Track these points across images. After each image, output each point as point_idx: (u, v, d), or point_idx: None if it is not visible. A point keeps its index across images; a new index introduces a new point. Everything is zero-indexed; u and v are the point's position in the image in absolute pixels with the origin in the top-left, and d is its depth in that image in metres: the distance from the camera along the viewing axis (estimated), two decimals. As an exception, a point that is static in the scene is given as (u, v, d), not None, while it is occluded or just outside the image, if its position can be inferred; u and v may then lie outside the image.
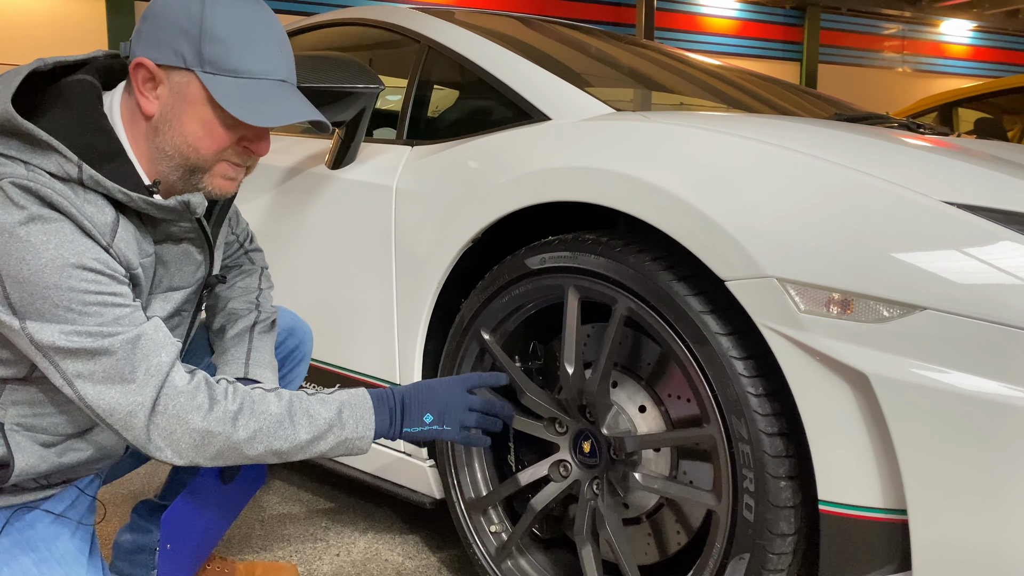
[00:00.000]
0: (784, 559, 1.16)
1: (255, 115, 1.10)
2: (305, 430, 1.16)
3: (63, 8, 8.38)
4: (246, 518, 2.00)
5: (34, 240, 1.00)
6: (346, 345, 1.82)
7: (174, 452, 1.09)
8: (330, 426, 1.18)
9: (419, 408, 1.25)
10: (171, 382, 1.08)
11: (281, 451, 1.15)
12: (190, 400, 1.08)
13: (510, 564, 1.54)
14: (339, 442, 1.19)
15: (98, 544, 1.30)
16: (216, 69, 1.09)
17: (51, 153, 1.04)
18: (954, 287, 0.98)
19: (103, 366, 1.04)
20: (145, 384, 1.06)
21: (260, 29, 1.13)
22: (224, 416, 1.10)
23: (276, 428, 1.14)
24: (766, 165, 1.16)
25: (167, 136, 1.12)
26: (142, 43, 1.11)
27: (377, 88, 1.68)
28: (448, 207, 1.55)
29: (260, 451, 1.13)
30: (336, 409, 1.19)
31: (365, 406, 1.22)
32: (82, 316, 1.02)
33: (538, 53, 1.95)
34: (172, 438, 1.08)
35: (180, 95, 1.11)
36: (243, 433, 1.11)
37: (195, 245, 1.26)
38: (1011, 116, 4.51)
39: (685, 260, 1.24)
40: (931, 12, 13.54)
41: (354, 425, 1.20)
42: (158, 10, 1.10)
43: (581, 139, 1.38)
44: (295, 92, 1.17)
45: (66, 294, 1.01)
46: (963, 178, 1.13)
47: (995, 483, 0.96)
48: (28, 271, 1.00)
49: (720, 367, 1.16)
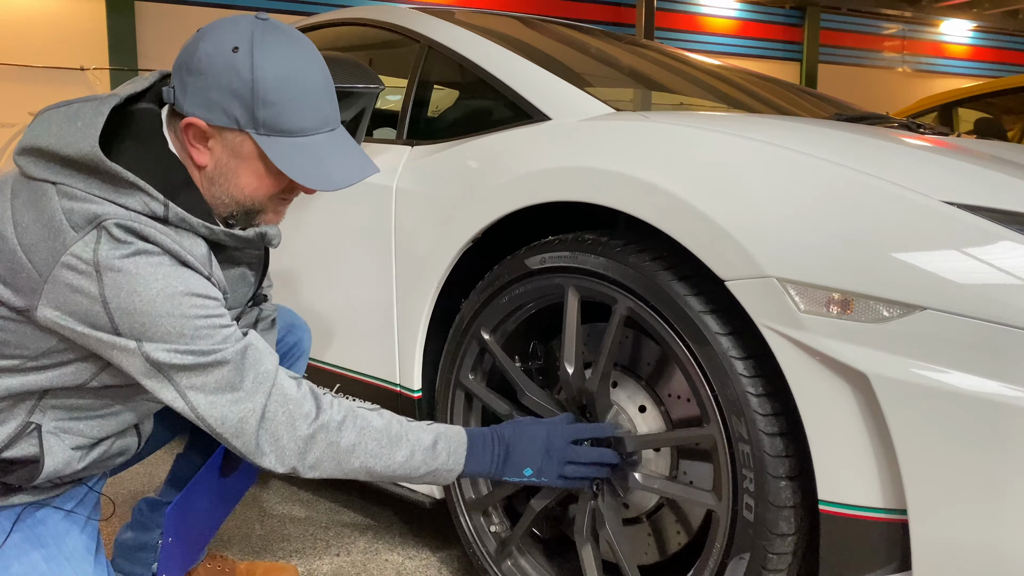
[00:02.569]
0: (784, 559, 1.16)
1: (315, 179, 1.13)
2: (401, 453, 1.19)
3: (63, 8, 8.37)
4: (246, 518, 2.00)
5: (143, 272, 1.04)
6: (346, 345, 1.81)
7: (278, 459, 1.12)
8: (424, 453, 1.21)
9: (519, 459, 1.27)
10: (279, 388, 1.12)
11: (374, 469, 1.18)
12: (298, 407, 1.12)
13: (510, 564, 1.54)
14: (429, 471, 1.22)
15: (102, 541, 1.31)
16: (270, 131, 1.11)
17: (137, 192, 1.07)
18: (954, 287, 0.98)
19: (215, 378, 1.08)
20: (255, 392, 1.10)
21: (310, 84, 1.13)
22: (329, 424, 1.13)
23: (376, 445, 1.17)
24: (766, 165, 1.16)
25: (223, 187, 1.16)
26: (190, 99, 1.10)
27: (377, 88, 1.68)
28: (448, 207, 1.55)
29: (356, 465, 1.16)
30: (432, 439, 1.22)
31: (460, 441, 1.25)
32: (194, 339, 1.07)
33: (538, 53, 1.95)
34: (279, 444, 1.11)
35: (234, 152, 1.13)
36: (345, 444, 1.14)
37: (252, 269, 1.30)
38: (1011, 116, 4.51)
39: (685, 260, 1.24)
40: (931, 12, 13.53)
41: (446, 458, 1.23)
42: (204, 67, 1.09)
43: (581, 139, 1.38)
44: (345, 140, 1.19)
45: (179, 321, 1.06)
46: (963, 178, 1.13)
47: (995, 483, 0.96)
48: (140, 302, 1.04)
49: (720, 367, 1.16)
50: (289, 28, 1.15)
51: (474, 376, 1.57)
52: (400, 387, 1.70)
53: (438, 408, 1.62)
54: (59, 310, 1.04)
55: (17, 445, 1.14)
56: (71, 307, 1.04)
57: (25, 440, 1.14)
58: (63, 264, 1.02)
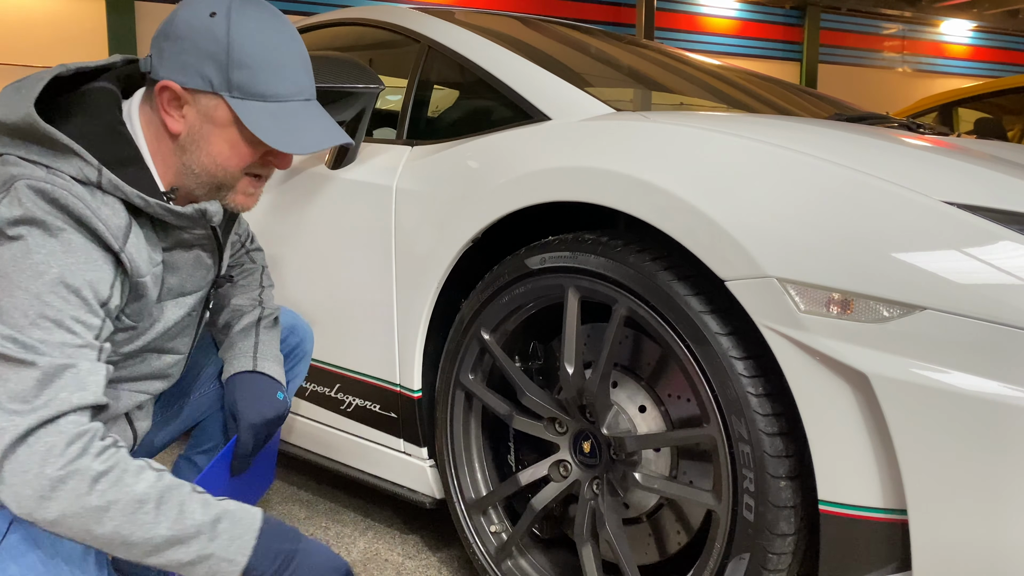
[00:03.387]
0: (784, 559, 1.16)
1: (287, 143, 1.12)
2: (167, 525, 1.00)
3: (63, 8, 8.37)
4: (246, 518, 2.00)
5: (30, 242, 1.01)
6: (346, 345, 1.82)
7: (15, 496, 0.96)
8: (198, 531, 1.02)
9: None
10: (58, 423, 0.98)
11: (131, 540, 1.00)
12: (62, 444, 0.97)
13: (510, 564, 1.54)
14: (202, 555, 1.02)
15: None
16: (244, 94, 1.11)
17: (72, 157, 1.05)
18: (954, 287, 0.98)
19: (16, 378, 0.97)
20: (33, 412, 0.97)
21: (285, 51, 1.13)
22: (83, 472, 0.97)
23: (135, 508, 0.99)
24: (766, 165, 1.16)
25: (194, 155, 1.14)
26: (166, 63, 1.11)
27: (377, 88, 1.68)
28: (448, 207, 1.55)
29: (108, 530, 0.98)
30: (215, 516, 1.04)
31: (250, 526, 1.06)
32: (31, 326, 0.99)
33: (538, 53, 1.95)
34: (23, 477, 0.95)
35: (208, 118, 1.12)
36: (96, 500, 0.97)
37: (206, 251, 1.28)
38: (1011, 116, 4.51)
39: (685, 260, 1.24)
40: (931, 12, 13.53)
41: (227, 542, 1.03)
42: (181, 31, 1.10)
43: (581, 139, 1.38)
44: (319, 111, 1.18)
45: (31, 300, 0.99)
46: (963, 178, 1.13)
47: (995, 483, 0.96)
48: (12, 268, 1.00)
49: (720, 367, 1.16)
50: (268, 3, 1.15)
51: (474, 376, 1.57)
52: (400, 387, 1.70)
53: (438, 408, 1.62)
54: None
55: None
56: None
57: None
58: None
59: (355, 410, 1.82)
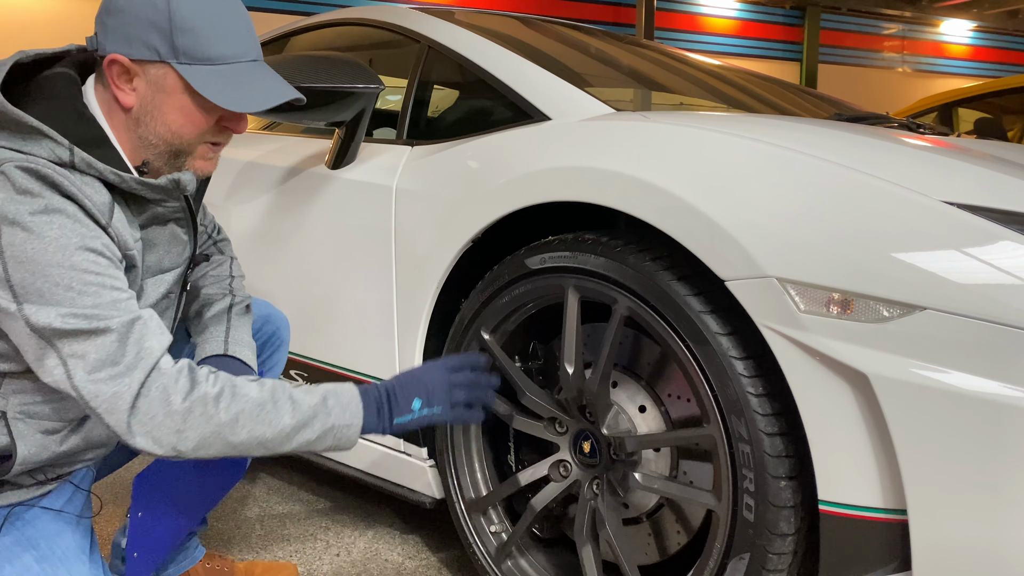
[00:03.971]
0: (784, 559, 1.16)
1: (238, 102, 1.13)
2: (289, 415, 1.13)
3: (63, 8, 8.37)
4: (246, 518, 2.00)
5: (39, 220, 1.03)
6: (346, 345, 1.81)
7: (154, 440, 1.06)
8: (315, 412, 1.15)
9: (405, 395, 1.23)
10: (159, 367, 1.07)
11: (266, 438, 1.12)
12: (172, 382, 1.07)
13: (510, 564, 1.54)
14: (325, 430, 1.16)
15: (97, 540, 1.30)
16: (190, 59, 1.11)
17: (42, 139, 1.06)
18: (954, 287, 0.98)
19: (96, 347, 1.04)
20: (134, 367, 1.05)
21: (227, 12, 1.14)
22: (205, 397, 1.08)
23: (259, 411, 1.11)
24: (766, 165, 1.16)
25: (149, 126, 1.15)
26: (110, 38, 1.11)
27: (377, 88, 1.68)
28: (448, 207, 1.55)
29: (244, 437, 1.10)
30: (320, 396, 1.17)
31: (351, 394, 1.20)
32: (80, 296, 1.03)
33: (538, 53, 1.95)
34: (153, 422, 1.05)
35: (158, 87, 1.13)
36: (224, 415, 1.08)
37: (181, 225, 1.29)
38: (1011, 116, 4.51)
39: (685, 260, 1.24)
40: (931, 12, 13.53)
41: (340, 412, 1.17)
42: (122, 4, 1.10)
43: (581, 139, 1.38)
44: (268, 71, 1.19)
45: (67, 272, 1.03)
46: (963, 178, 1.13)
47: (995, 483, 0.96)
48: (32, 250, 1.02)
49: (720, 367, 1.16)
50: None
51: (474, 376, 1.57)
52: (400, 387, 1.69)
53: (438, 408, 1.62)
54: None
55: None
56: None
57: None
58: None
59: (355, 410, 1.82)
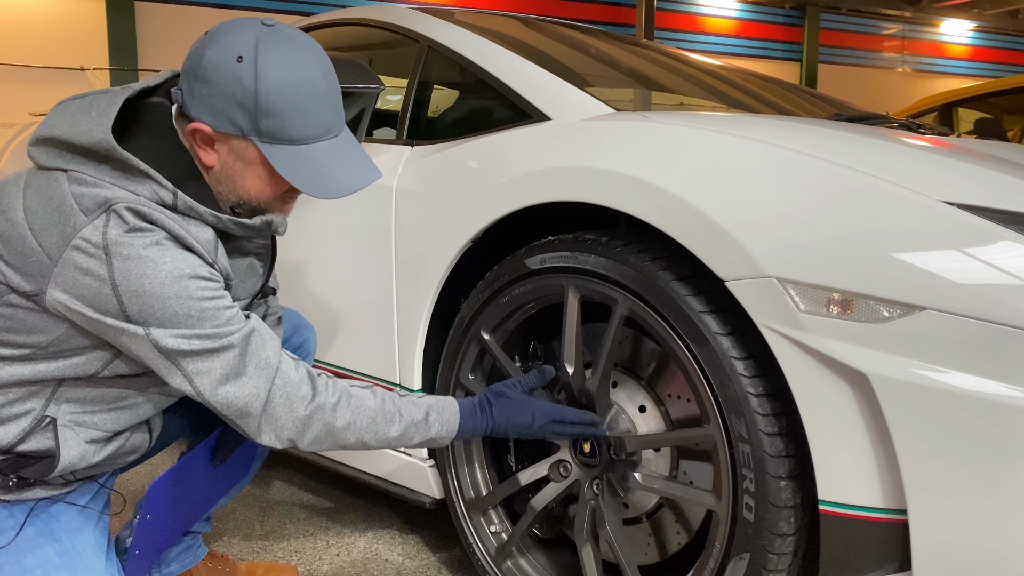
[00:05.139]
0: (784, 559, 1.16)
1: (316, 187, 1.15)
2: (395, 427, 1.25)
3: (63, 8, 8.37)
4: (246, 518, 2.00)
5: (151, 255, 1.06)
6: (346, 345, 1.81)
7: (277, 437, 1.17)
8: (416, 426, 1.27)
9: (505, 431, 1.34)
10: (281, 373, 1.16)
11: (369, 443, 1.24)
12: (296, 390, 1.16)
13: (510, 564, 1.54)
14: (423, 440, 1.28)
15: (112, 538, 1.31)
16: (273, 139, 1.13)
17: (146, 180, 1.10)
18: (954, 287, 0.98)
19: (220, 363, 1.12)
20: (257, 376, 1.14)
21: (312, 93, 1.13)
22: (324, 405, 1.18)
23: (370, 422, 1.22)
24: (766, 165, 1.16)
25: (228, 186, 1.18)
26: (196, 104, 1.12)
27: (377, 88, 1.68)
28: (448, 207, 1.55)
29: (351, 440, 1.22)
30: (424, 411, 1.28)
31: (451, 411, 1.31)
32: (201, 321, 1.09)
33: (538, 53, 1.95)
34: (278, 424, 1.16)
35: (239, 156, 1.15)
36: (340, 423, 1.20)
37: (260, 259, 1.33)
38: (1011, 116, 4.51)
39: (685, 260, 1.24)
40: (931, 12, 13.52)
41: (439, 427, 1.29)
42: (209, 75, 1.10)
43: (581, 139, 1.38)
44: (347, 146, 1.20)
45: (186, 303, 1.08)
46: (963, 178, 1.13)
47: (995, 483, 0.96)
48: (148, 284, 1.06)
49: (720, 367, 1.16)
50: (295, 33, 1.15)
51: (474, 376, 1.57)
52: (400, 387, 1.70)
53: (438, 408, 1.62)
54: (68, 293, 1.06)
55: (33, 439, 1.16)
56: (80, 290, 1.06)
57: (40, 433, 1.16)
58: (73, 247, 1.05)
59: (355, 410, 1.82)
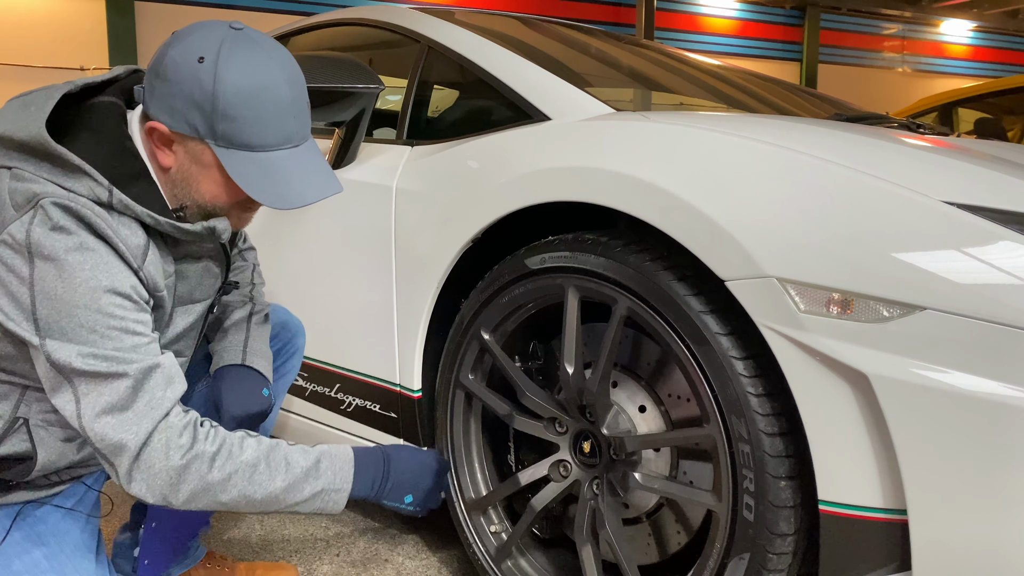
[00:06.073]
0: (784, 559, 1.16)
1: (268, 196, 1.11)
2: (281, 477, 1.16)
3: (63, 8, 8.37)
4: (246, 518, 2.00)
5: (71, 260, 1.03)
6: (346, 345, 1.82)
7: (148, 488, 1.08)
8: (306, 475, 1.19)
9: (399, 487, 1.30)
10: (167, 420, 1.09)
11: (254, 499, 1.15)
12: (176, 437, 1.09)
13: (510, 564, 1.54)
14: (314, 493, 1.20)
15: (103, 540, 1.31)
16: (230, 144, 1.10)
17: (83, 177, 1.07)
18: (954, 287, 0.98)
19: (110, 390, 1.05)
20: (144, 415, 1.07)
21: (272, 100, 1.10)
22: (202, 456, 1.10)
23: (251, 472, 1.14)
24: (766, 165, 1.16)
25: (185, 190, 1.16)
26: (155, 103, 1.11)
27: (377, 88, 1.68)
28: (448, 207, 1.55)
29: (234, 495, 1.14)
30: (315, 458, 1.21)
31: (345, 458, 1.24)
32: (103, 339, 1.05)
33: (538, 53, 1.95)
34: (151, 472, 1.08)
35: (195, 159, 1.13)
36: (217, 475, 1.11)
37: (215, 261, 1.31)
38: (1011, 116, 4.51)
39: (685, 260, 1.24)
40: (931, 12, 13.53)
41: (331, 476, 1.21)
42: (170, 74, 1.09)
43: (581, 139, 1.38)
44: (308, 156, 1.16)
45: (92, 315, 1.04)
46: (963, 178, 1.13)
47: (995, 483, 0.96)
48: (62, 289, 1.03)
49: (720, 367, 1.16)
50: (262, 39, 1.13)
51: (474, 376, 1.57)
52: (400, 387, 1.70)
53: (438, 408, 1.62)
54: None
55: (8, 441, 1.15)
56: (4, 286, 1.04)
57: (15, 435, 1.15)
58: (1, 242, 1.03)
59: (355, 410, 1.82)
